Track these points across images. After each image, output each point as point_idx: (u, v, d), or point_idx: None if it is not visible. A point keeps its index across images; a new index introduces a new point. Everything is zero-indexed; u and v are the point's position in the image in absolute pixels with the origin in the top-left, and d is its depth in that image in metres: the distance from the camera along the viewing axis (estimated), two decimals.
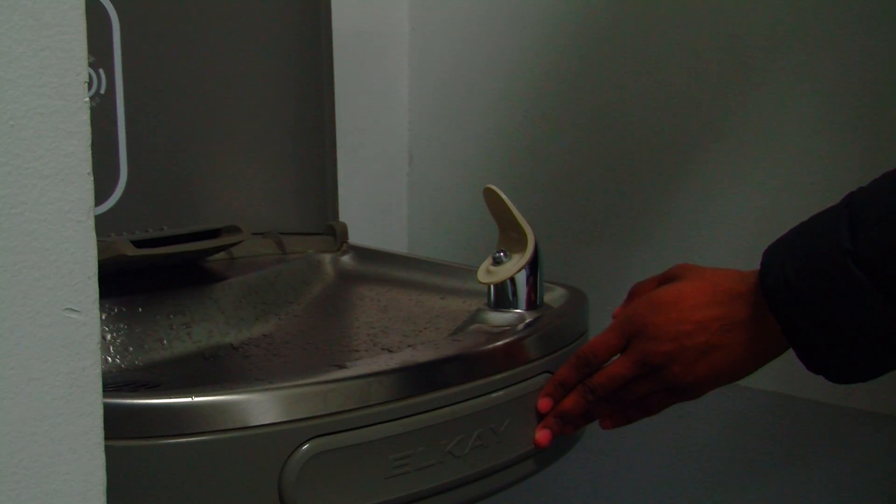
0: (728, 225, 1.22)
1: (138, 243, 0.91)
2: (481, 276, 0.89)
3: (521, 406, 0.82)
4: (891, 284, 0.68)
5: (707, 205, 1.23)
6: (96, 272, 0.51)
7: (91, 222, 0.50)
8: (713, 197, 1.23)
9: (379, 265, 1.12)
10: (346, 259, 1.14)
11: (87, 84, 0.50)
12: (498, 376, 0.79)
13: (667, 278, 0.85)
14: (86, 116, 0.50)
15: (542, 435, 0.82)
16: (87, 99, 0.50)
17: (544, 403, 0.82)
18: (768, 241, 1.19)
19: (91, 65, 0.96)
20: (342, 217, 1.19)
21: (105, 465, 0.52)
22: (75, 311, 0.50)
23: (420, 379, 0.75)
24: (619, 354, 0.82)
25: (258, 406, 0.66)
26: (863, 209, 0.70)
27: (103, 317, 0.86)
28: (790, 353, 0.76)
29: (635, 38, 1.27)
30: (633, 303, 0.83)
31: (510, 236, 0.89)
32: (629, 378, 0.81)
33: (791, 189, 1.17)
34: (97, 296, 0.51)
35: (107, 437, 0.52)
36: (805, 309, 0.72)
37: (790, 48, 1.16)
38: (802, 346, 0.73)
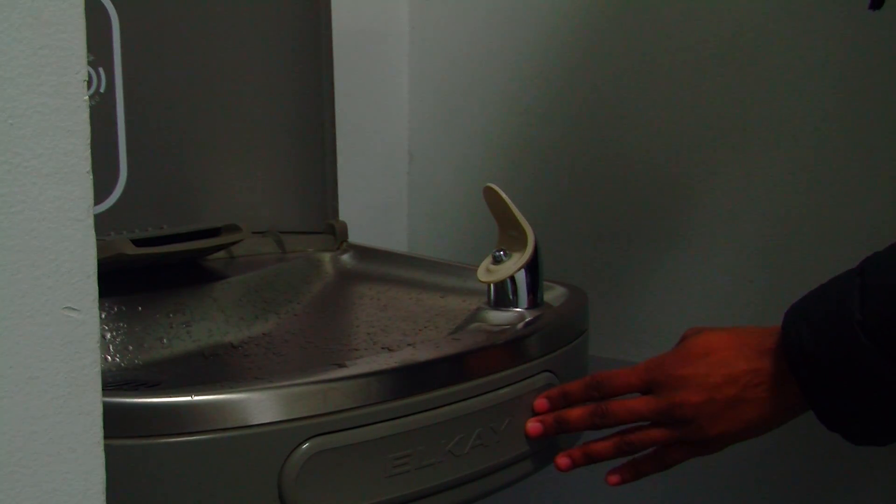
0: (729, 223, 1.22)
1: (138, 242, 0.90)
2: (481, 274, 0.89)
3: (522, 405, 0.82)
4: None
5: (708, 202, 1.23)
6: (96, 271, 0.51)
7: (90, 221, 0.50)
8: (714, 195, 1.23)
9: (379, 264, 1.12)
10: (345, 258, 1.14)
11: (86, 82, 0.50)
12: (498, 375, 0.79)
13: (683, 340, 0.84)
14: (85, 115, 0.49)
15: (534, 427, 0.81)
16: (87, 97, 0.50)
17: (541, 404, 0.82)
18: (768, 240, 1.19)
19: (90, 63, 0.96)
20: (342, 216, 1.19)
21: (104, 464, 0.52)
22: (75, 309, 0.50)
23: (420, 378, 0.74)
24: (636, 394, 0.81)
25: (258, 405, 0.66)
26: (874, 278, 0.71)
27: (103, 315, 0.86)
28: None
29: (636, 37, 1.27)
30: (661, 354, 0.82)
31: (510, 235, 0.89)
32: (646, 418, 0.80)
33: (792, 186, 1.17)
34: (97, 294, 0.51)
35: (106, 436, 0.52)
36: (820, 374, 0.73)
37: (791, 47, 1.16)
38: (819, 408, 0.75)
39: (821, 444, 1.14)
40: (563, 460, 0.83)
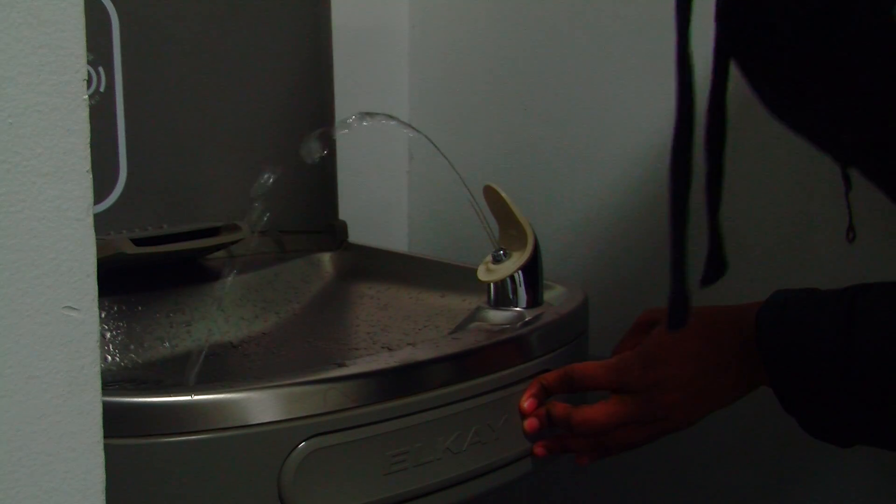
0: (729, 222, 1.22)
1: (138, 241, 0.91)
2: (481, 274, 0.89)
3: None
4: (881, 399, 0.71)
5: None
6: (95, 270, 0.51)
7: (90, 220, 0.50)
8: None
9: (379, 263, 1.12)
10: (345, 257, 1.14)
11: (86, 82, 0.50)
12: (497, 374, 0.79)
13: (643, 323, 0.84)
14: (85, 114, 0.49)
15: (530, 423, 0.82)
16: (86, 97, 0.50)
17: (531, 404, 0.81)
18: (768, 240, 1.18)
19: (90, 62, 0.96)
20: (342, 215, 1.19)
21: (104, 463, 0.52)
22: (74, 309, 0.50)
23: (420, 377, 0.74)
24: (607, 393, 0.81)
25: (258, 404, 0.66)
26: (866, 321, 0.72)
27: (103, 315, 0.86)
28: None
29: (637, 37, 1.27)
30: (628, 353, 0.82)
31: (510, 234, 0.89)
32: (622, 423, 0.80)
33: (792, 186, 1.17)
34: (96, 294, 0.51)
35: (106, 436, 0.52)
36: (798, 383, 0.75)
37: None
38: (783, 396, 0.77)
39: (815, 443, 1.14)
40: (539, 449, 0.83)
